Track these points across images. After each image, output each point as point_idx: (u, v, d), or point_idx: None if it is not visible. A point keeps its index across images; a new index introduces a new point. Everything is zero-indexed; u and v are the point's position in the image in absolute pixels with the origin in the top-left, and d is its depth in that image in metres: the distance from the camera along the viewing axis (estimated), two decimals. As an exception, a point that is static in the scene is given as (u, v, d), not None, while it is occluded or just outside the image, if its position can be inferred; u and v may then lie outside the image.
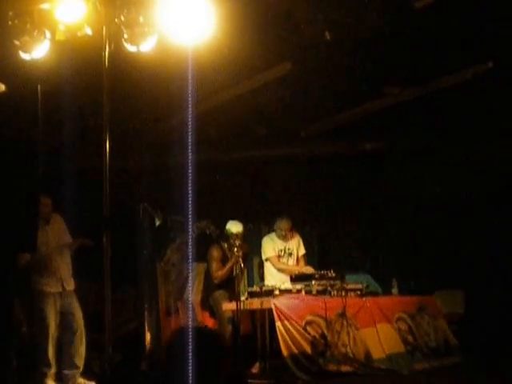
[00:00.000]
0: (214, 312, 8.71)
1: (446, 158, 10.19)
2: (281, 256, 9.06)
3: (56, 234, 7.46)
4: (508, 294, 9.24)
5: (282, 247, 9.08)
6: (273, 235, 9.13)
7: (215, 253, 8.70)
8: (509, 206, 9.55)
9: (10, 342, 7.25)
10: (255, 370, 7.75)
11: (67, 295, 7.35)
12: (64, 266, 7.38)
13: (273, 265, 9.04)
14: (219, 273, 8.58)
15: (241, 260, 8.33)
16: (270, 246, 9.07)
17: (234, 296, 8.19)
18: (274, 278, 8.98)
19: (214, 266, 8.64)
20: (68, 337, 7.30)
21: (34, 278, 7.26)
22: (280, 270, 9.00)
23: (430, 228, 10.53)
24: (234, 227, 8.58)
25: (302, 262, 9.19)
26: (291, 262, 9.11)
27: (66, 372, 7.29)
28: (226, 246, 8.70)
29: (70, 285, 7.41)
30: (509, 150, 9.54)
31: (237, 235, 8.50)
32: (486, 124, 9.12)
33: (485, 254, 9.75)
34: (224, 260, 8.64)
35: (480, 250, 9.80)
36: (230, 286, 8.44)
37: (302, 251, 9.24)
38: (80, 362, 7.31)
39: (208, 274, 8.79)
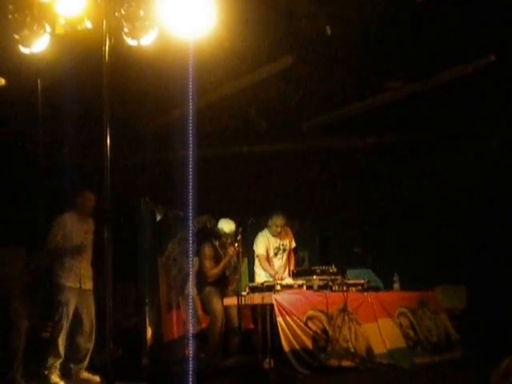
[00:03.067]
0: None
1: (448, 153, 10.17)
2: (277, 253, 9.05)
3: (88, 233, 7.49)
4: (509, 290, 9.22)
5: (277, 244, 9.08)
6: (267, 232, 9.12)
7: (207, 251, 8.61)
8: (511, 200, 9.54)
9: (9, 338, 7.27)
10: (267, 366, 7.75)
11: (84, 293, 7.44)
12: (84, 266, 7.45)
13: (259, 262, 9.06)
14: (213, 271, 8.51)
15: (234, 258, 8.35)
16: (264, 243, 9.07)
17: (224, 292, 8.39)
18: (264, 273, 9.03)
19: (207, 264, 8.56)
20: (78, 332, 7.36)
21: (54, 272, 7.37)
22: (263, 269, 9.04)
23: (431, 223, 10.51)
24: (227, 226, 8.54)
25: (292, 255, 9.29)
26: (285, 257, 9.11)
27: (71, 366, 7.34)
28: (217, 243, 8.66)
29: (88, 285, 7.51)
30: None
31: (229, 234, 8.48)
32: (488, 118, 9.10)
33: (487, 250, 9.73)
34: (216, 258, 8.58)
35: (482, 245, 9.78)
36: (220, 283, 8.45)
37: (293, 244, 9.31)
38: (86, 357, 7.37)
39: (199, 271, 8.73)
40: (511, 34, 7.21)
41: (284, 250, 9.12)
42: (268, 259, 9.09)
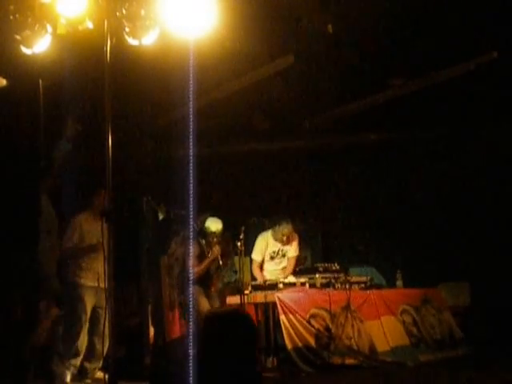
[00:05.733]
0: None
1: (450, 150, 10.17)
2: (274, 257, 8.96)
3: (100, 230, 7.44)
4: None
5: (276, 249, 8.91)
6: (269, 235, 8.98)
7: (193, 249, 8.40)
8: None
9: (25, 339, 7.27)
10: (270, 364, 7.75)
11: (102, 292, 7.34)
12: (102, 264, 7.36)
13: (252, 268, 9.00)
14: (196, 269, 8.32)
15: (219, 257, 8.30)
16: (260, 248, 8.97)
17: (207, 293, 8.32)
18: (268, 271, 8.99)
19: (192, 262, 8.32)
20: (94, 332, 7.34)
21: (71, 270, 7.34)
22: (253, 273, 9.01)
23: (434, 220, 10.51)
24: (213, 225, 8.46)
25: (292, 263, 8.99)
26: (284, 263, 8.98)
27: (87, 365, 7.33)
28: (204, 242, 8.57)
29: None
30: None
31: (215, 233, 8.42)
32: (489, 114, 9.10)
33: (490, 246, 9.72)
34: (201, 256, 8.48)
35: (485, 242, 9.78)
36: (205, 283, 8.40)
37: (295, 253, 9.05)
38: (101, 356, 7.34)
39: (183, 270, 8.59)
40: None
41: (283, 256, 8.98)
42: (261, 265, 9.01)
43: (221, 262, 8.42)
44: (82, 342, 7.25)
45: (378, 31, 7.39)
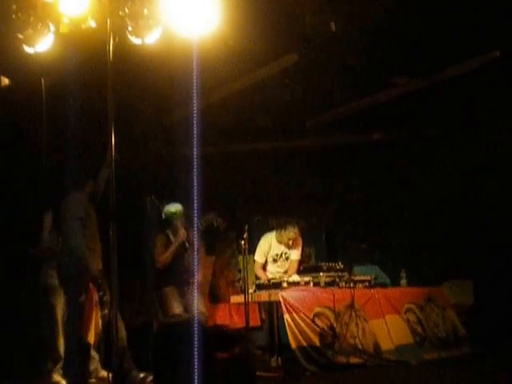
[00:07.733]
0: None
1: (454, 148, 10.16)
2: (276, 260, 8.88)
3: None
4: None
5: (280, 251, 8.79)
6: (273, 237, 8.86)
7: (158, 240, 8.02)
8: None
9: (14, 338, 7.24)
10: (274, 363, 7.73)
11: None
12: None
13: (255, 269, 8.86)
14: (162, 256, 7.87)
15: (185, 242, 7.86)
16: (264, 249, 8.83)
17: (183, 293, 7.80)
18: (272, 270, 8.94)
19: (157, 251, 7.94)
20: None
21: (43, 271, 7.27)
22: (256, 274, 8.86)
23: (438, 218, 10.51)
24: (173, 207, 8.01)
25: (294, 265, 8.83)
26: (286, 265, 8.90)
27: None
28: (170, 232, 8.08)
29: None
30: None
31: (176, 213, 7.96)
32: (493, 113, 9.09)
33: (494, 245, 9.72)
34: (168, 245, 7.97)
35: (489, 241, 9.78)
36: (181, 280, 7.88)
37: (297, 257, 8.89)
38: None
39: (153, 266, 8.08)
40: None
41: (286, 259, 8.90)
42: (264, 266, 8.94)
43: (187, 245, 8.03)
44: (61, 345, 7.11)
45: (380, 30, 7.37)
